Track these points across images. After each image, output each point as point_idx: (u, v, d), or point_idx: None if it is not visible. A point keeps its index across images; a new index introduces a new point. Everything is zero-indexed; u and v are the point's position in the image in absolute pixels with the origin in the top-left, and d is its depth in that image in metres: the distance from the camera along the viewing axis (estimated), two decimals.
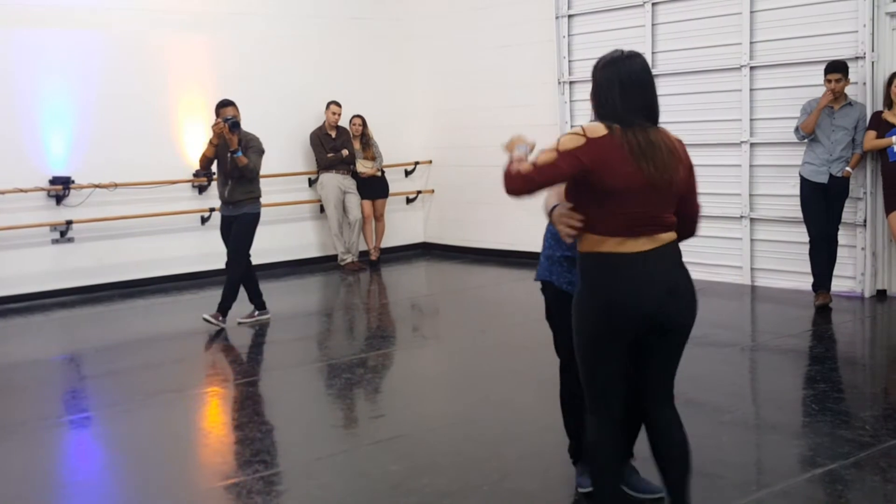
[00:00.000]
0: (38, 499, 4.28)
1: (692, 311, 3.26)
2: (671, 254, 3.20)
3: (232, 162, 7.38)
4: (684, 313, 3.23)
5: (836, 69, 7.36)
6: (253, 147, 7.50)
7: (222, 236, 7.73)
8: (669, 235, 3.20)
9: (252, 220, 7.62)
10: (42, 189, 9.04)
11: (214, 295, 7.40)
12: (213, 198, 9.89)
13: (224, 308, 7.47)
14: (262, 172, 10.20)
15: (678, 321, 3.21)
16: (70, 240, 9.26)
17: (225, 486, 4.28)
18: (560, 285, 3.84)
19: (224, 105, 7.54)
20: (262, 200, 10.20)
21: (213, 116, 9.77)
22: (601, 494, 3.38)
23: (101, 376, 6.52)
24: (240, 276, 7.57)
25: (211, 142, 7.44)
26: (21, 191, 8.84)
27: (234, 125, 7.32)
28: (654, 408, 3.33)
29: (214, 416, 5.61)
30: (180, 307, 7.29)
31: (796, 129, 7.60)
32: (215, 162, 7.60)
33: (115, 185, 9.26)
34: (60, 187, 9.09)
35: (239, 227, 7.54)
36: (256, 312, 7.74)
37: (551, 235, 3.89)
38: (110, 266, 9.43)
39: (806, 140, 7.59)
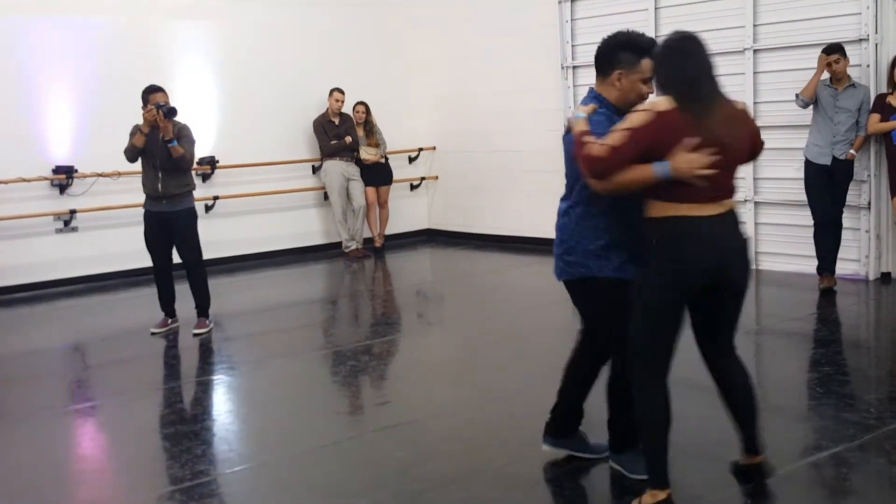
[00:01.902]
0: (45, 487, 4.30)
1: (747, 271, 3.58)
2: (734, 219, 3.51)
3: (164, 152, 6.79)
4: (743, 273, 3.55)
5: (834, 50, 7.34)
6: (186, 136, 6.92)
7: (150, 236, 7.06)
8: (733, 202, 3.50)
9: (195, 216, 7.13)
10: (45, 178, 9.05)
11: (220, 283, 7.39)
12: (217, 185, 9.92)
13: (205, 309, 7.15)
14: (265, 160, 10.35)
15: (737, 279, 3.53)
16: (74, 229, 9.27)
17: (231, 472, 4.30)
18: (607, 274, 3.72)
19: (153, 91, 6.84)
20: (264, 188, 10.36)
21: (220, 105, 9.84)
22: (658, 469, 3.49)
23: (107, 365, 6.53)
24: (205, 272, 7.23)
25: (141, 130, 6.80)
26: (24, 180, 8.84)
27: (170, 112, 6.72)
28: (718, 358, 3.67)
29: (220, 403, 5.62)
30: (184, 296, 7.27)
31: (797, 96, 7.59)
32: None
33: (119, 174, 9.24)
34: (64, 176, 9.09)
35: (187, 227, 7.03)
36: (169, 320, 7.20)
37: (581, 229, 3.76)
38: (114, 255, 9.43)
39: (808, 106, 7.56)
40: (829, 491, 3.94)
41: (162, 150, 6.82)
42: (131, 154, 6.97)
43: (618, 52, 3.67)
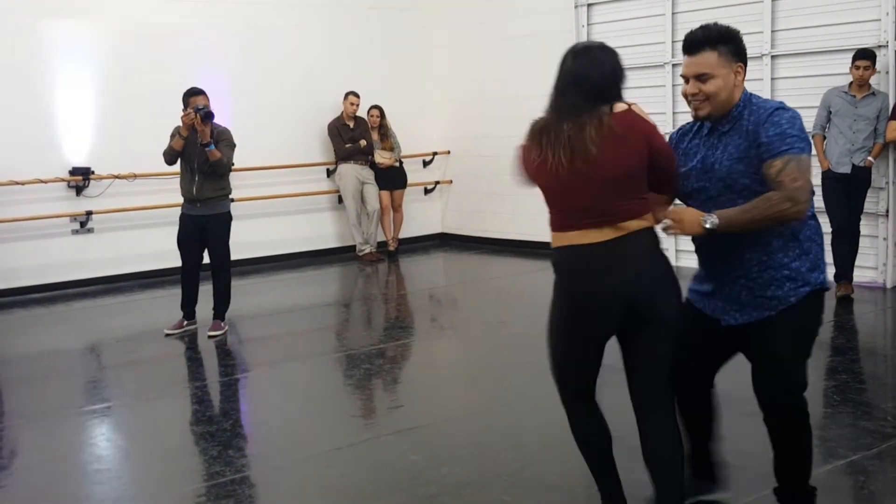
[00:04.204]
0: (62, 487, 4.32)
1: (660, 300, 3.17)
2: (627, 245, 3.13)
3: (202, 156, 6.81)
4: (650, 301, 3.15)
5: (865, 56, 7.29)
6: (225, 140, 6.92)
7: (182, 237, 7.10)
8: (627, 225, 3.13)
9: (229, 221, 7.12)
10: (62, 180, 9.09)
11: (234, 285, 7.37)
12: (235, 188, 9.94)
13: (223, 313, 7.16)
14: (279, 163, 10.38)
15: (646, 311, 3.16)
16: (90, 230, 9.32)
17: (245, 475, 4.30)
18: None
19: (194, 94, 6.85)
20: (279, 191, 10.38)
21: (235, 108, 9.84)
22: (600, 488, 3.52)
23: (122, 366, 6.56)
24: (230, 277, 7.24)
25: (180, 134, 6.81)
26: (41, 181, 8.89)
27: (207, 115, 6.70)
28: (641, 416, 3.32)
29: (234, 405, 5.63)
30: (200, 297, 7.29)
31: (812, 134, 7.62)
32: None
33: (135, 176, 9.30)
34: (80, 178, 9.14)
35: (218, 231, 7.03)
36: (186, 322, 7.21)
37: None
38: (130, 256, 9.48)
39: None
40: (847, 499, 3.91)
41: (200, 153, 6.84)
42: (170, 156, 6.99)
43: None
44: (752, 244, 3.22)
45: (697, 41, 3.24)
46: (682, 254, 8.55)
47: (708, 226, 3.07)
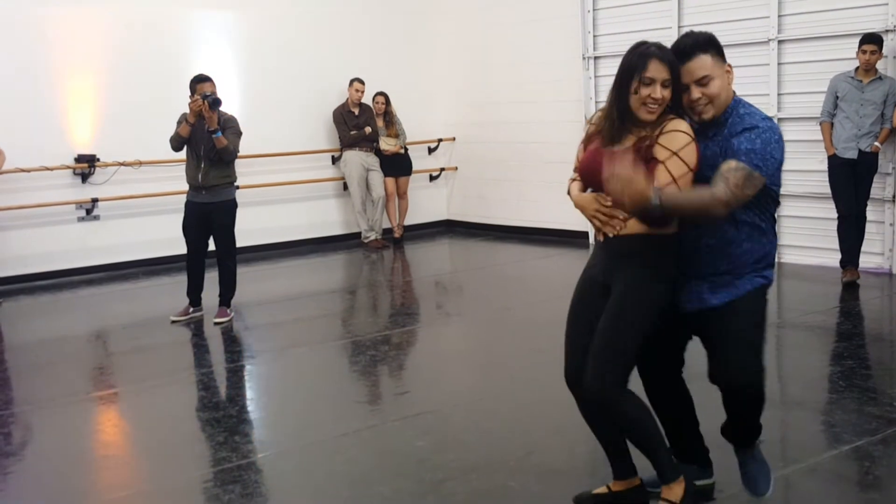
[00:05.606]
0: (68, 473, 4.33)
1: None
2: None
3: (208, 143, 6.81)
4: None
5: (872, 41, 7.25)
6: (232, 128, 6.91)
7: (187, 224, 7.11)
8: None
9: (234, 208, 7.11)
10: (68, 167, 9.10)
11: (240, 272, 7.39)
12: (241, 175, 9.94)
13: (229, 299, 7.18)
14: (285, 149, 10.37)
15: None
16: (96, 217, 9.33)
17: (251, 461, 4.32)
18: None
19: (201, 81, 6.84)
20: (284, 178, 10.38)
21: (240, 95, 9.85)
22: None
23: (128, 353, 6.58)
24: (235, 264, 7.26)
25: (187, 120, 6.81)
26: (47, 169, 8.90)
27: (215, 102, 6.70)
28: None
29: (240, 392, 5.64)
30: (206, 284, 7.30)
31: (820, 122, 7.58)
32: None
33: (140, 164, 9.31)
34: (86, 165, 9.14)
35: (224, 218, 7.04)
36: (192, 309, 7.23)
37: None
38: (136, 244, 9.49)
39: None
40: (852, 484, 3.91)
41: (206, 140, 6.84)
42: (176, 143, 7.00)
43: None
44: (723, 249, 3.27)
45: (689, 47, 3.25)
46: None
47: (655, 201, 2.95)
